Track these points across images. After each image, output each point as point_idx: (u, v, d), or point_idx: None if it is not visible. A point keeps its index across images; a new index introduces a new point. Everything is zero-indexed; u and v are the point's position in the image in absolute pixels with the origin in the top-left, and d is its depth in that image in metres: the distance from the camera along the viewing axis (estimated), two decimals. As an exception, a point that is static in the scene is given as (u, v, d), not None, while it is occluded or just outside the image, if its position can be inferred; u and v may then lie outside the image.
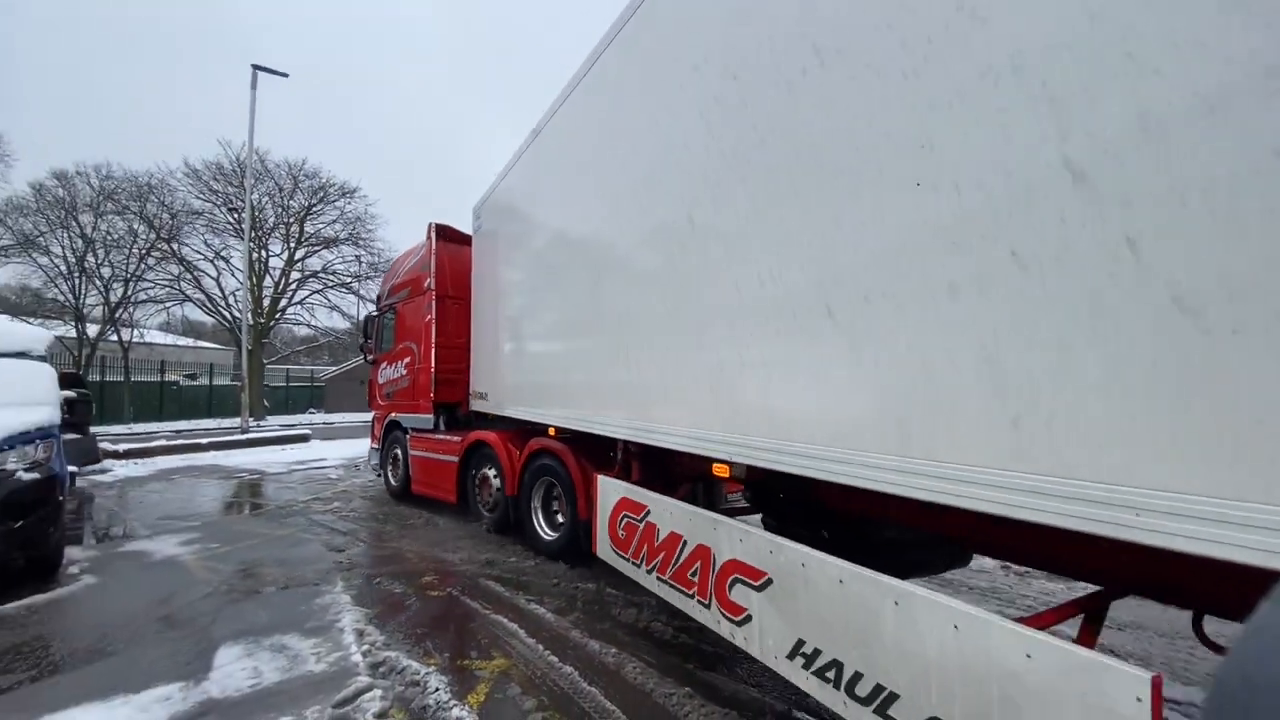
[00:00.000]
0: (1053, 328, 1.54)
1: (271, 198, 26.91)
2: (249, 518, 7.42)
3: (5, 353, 5.54)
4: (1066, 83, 1.51)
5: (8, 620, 4.05)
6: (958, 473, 1.74)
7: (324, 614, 4.10)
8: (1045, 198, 1.56)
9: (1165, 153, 1.34)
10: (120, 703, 2.98)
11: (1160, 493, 1.33)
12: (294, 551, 5.73)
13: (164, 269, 24.88)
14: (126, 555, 5.62)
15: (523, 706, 2.95)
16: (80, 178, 23.46)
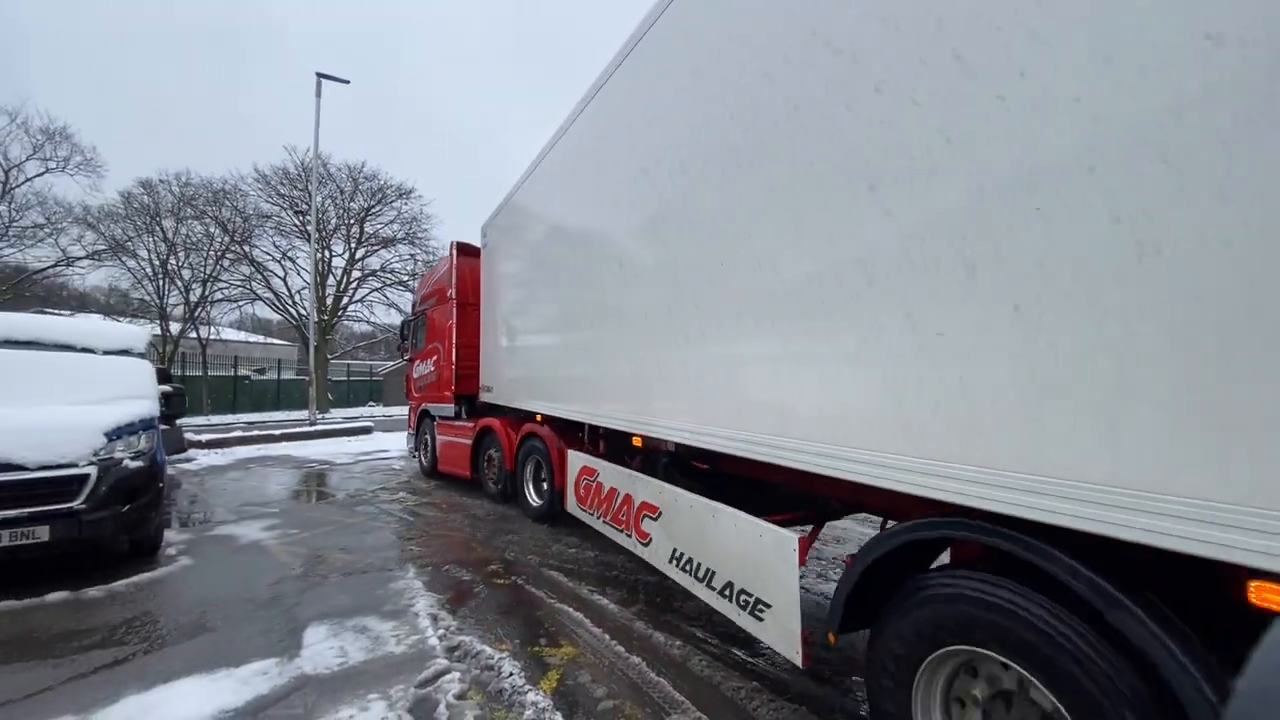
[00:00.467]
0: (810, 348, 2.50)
1: (334, 200, 28.09)
2: (322, 505, 7.81)
3: (109, 350, 6.01)
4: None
5: (119, 597, 4.41)
6: (806, 446, 2.49)
7: (399, 598, 4.30)
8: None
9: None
10: (224, 675, 3.21)
11: (858, 450, 2.22)
12: (366, 538, 6.02)
13: (237, 270, 26.38)
14: (216, 539, 6.02)
15: (594, 694, 3.02)
16: (163, 185, 25.11)
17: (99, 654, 3.49)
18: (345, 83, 18.57)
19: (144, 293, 25.07)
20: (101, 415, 4.92)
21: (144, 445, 5.10)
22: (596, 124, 4.52)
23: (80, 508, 4.53)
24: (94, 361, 5.76)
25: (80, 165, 22.71)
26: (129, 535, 4.98)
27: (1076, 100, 1.56)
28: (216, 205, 25.49)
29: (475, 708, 2.88)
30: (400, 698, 2.95)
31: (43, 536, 4.39)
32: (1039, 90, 1.64)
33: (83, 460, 4.61)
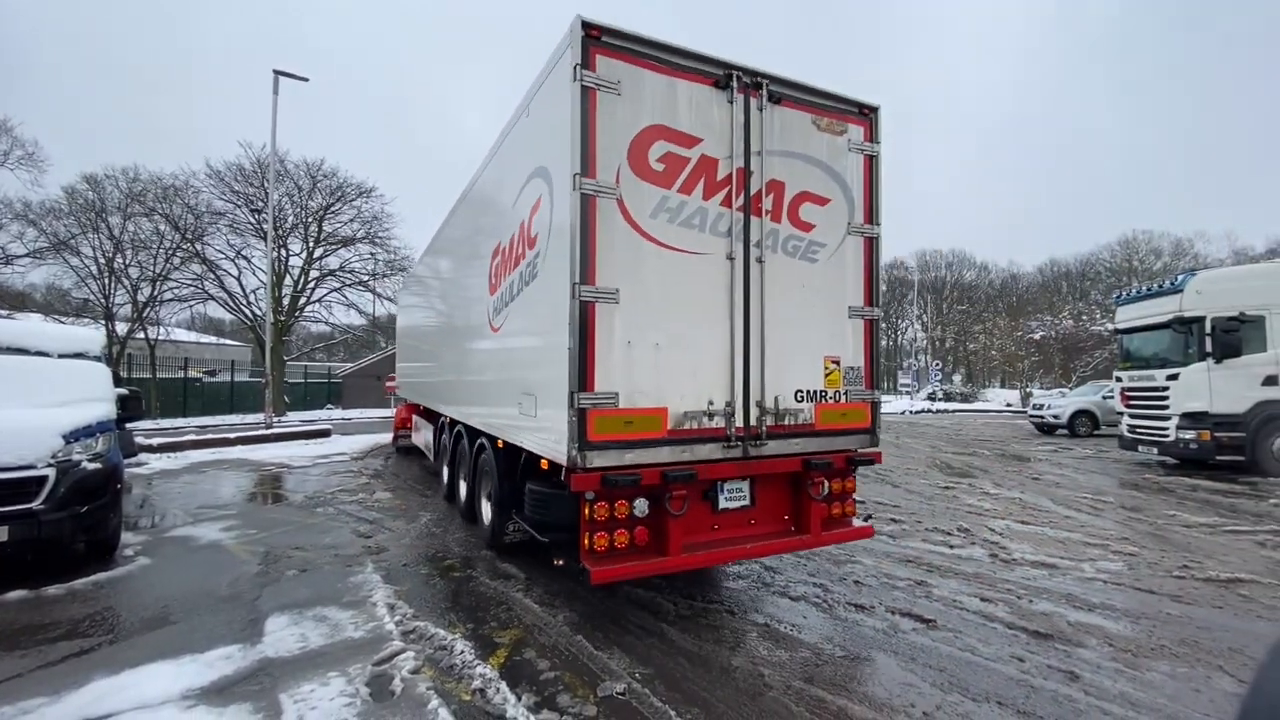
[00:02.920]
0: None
1: (291, 198, 27.59)
2: (280, 507, 7.93)
3: (64, 353, 6.08)
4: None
5: (80, 595, 4.56)
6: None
7: (358, 590, 4.56)
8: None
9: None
10: (189, 660, 3.45)
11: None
12: (325, 537, 6.22)
13: (188, 268, 25.69)
14: (174, 540, 6.14)
15: (538, 667, 3.37)
16: (109, 180, 24.33)
17: (65, 645, 3.68)
18: (304, 80, 18.41)
19: (87, 292, 24.26)
20: (59, 418, 5.03)
21: (101, 447, 5.23)
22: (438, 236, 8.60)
23: (39, 508, 4.66)
24: (50, 365, 5.83)
25: (21, 160, 21.91)
26: (87, 536, 5.10)
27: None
28: (167, 202, 24.82)
29: (428, 680, 3.20)
30: (358, 674, 3.25)
31: (1, 537, 4.51)
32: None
33: (41, 462, 4.73)
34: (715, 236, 3.88)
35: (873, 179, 4.48)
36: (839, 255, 4.34)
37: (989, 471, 10.69)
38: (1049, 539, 6.10)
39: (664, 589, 4.57)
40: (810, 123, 4.28)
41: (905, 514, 7.16)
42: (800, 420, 4.14)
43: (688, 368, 3.76)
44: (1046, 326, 37.54)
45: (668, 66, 3.81)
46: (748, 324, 3.96)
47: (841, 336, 4.34)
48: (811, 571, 5.03)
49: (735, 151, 3.95)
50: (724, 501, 3.99)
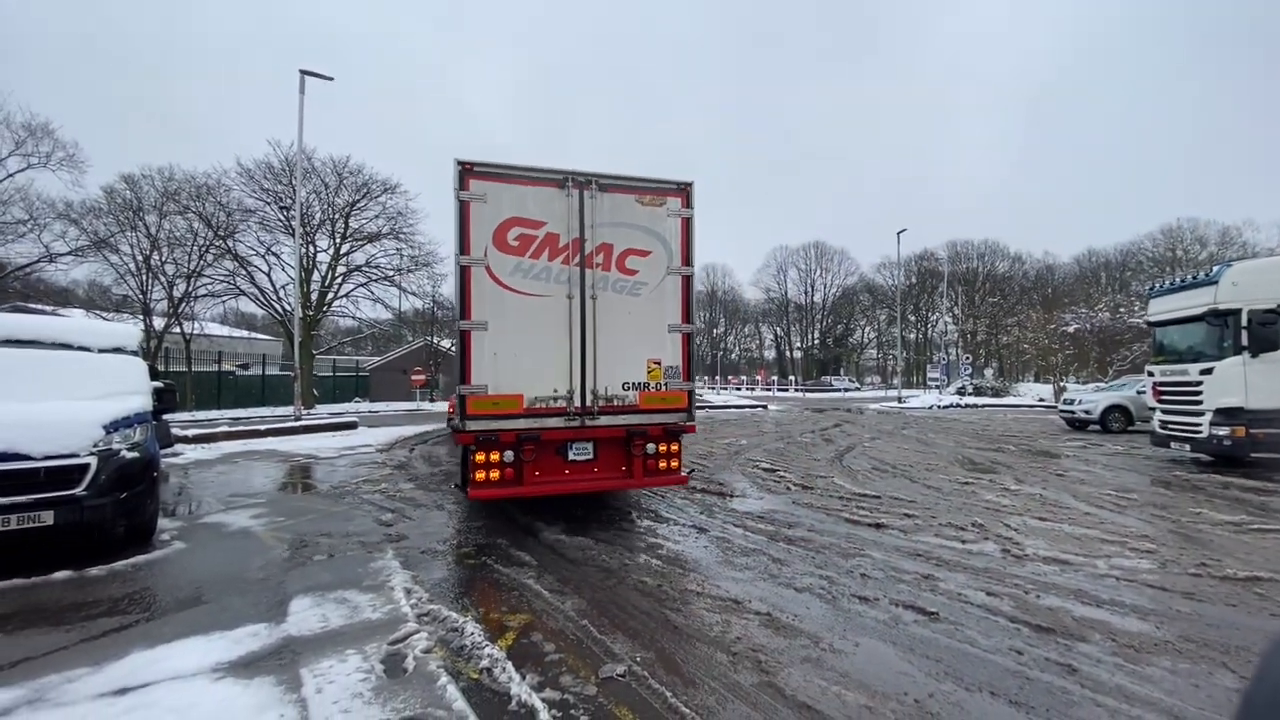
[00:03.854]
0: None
1: (318, 195, 28.29)
2: (307, 496, 8.27)
3: (104, 348, 6.44)
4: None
5: (119, 575, 4.88)
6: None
7: (377, 575, 4.79)
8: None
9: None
10: (218, 636, 3.69)
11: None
12: (349, 525, 6.50)
13: (220, 265, 26.56)
14: (207, 526, 6.49)
15: (544, 649, 3.54)
16: (145, 180, 25.25)
17: (105, 621, 3.97)
18: (329, 79, 18.86)
19: (127, 288, 25.25)
20: (100, 410, 5.36)
21: (139, 437, 5.55)
22: None
23: (82, 494, 4.98)
24: (91, 359, 6.19)
25: (63, 161, 22.85)
26: (126, 520, 5.43)
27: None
28: (200, 200, 25.68)
29: (438, 659, 3.38)
30: (374, 652, 3.45)
31: (47, 520, 4.84)
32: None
33: (84, 451, 5.06)
34: (558, 284, 6.12)
35: (688, 234, 6.53)
36: (660, 289, 6.46)
37: (1012, 467, 10.57)
38: (1065, 535, 6.07)
39: (669, 578, 4.70)
40: (634, 201, 6.42)
41: (920, 509, 7.17)
42: (627, 402, 6.34)
43: (538, 369, 6.03)
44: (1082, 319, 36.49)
45: (520, 179, 6.04)
46: (583, 340, 6.18)
47: (663, 345, 6.48)
48: (819, 564, 5.11)
49: (572, 227, 6.16)
50: (572, 455, 6.28)
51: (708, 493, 8.25)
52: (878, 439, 15.40)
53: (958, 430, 18.17)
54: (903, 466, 10.62)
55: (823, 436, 16.01)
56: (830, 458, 11.77)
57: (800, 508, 7.35)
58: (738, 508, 7.34)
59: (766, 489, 8.59)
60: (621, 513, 7.09)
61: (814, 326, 76.76)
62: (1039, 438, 16.00)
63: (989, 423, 21.29)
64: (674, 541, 5.84)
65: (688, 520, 6.70)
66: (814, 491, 8.34)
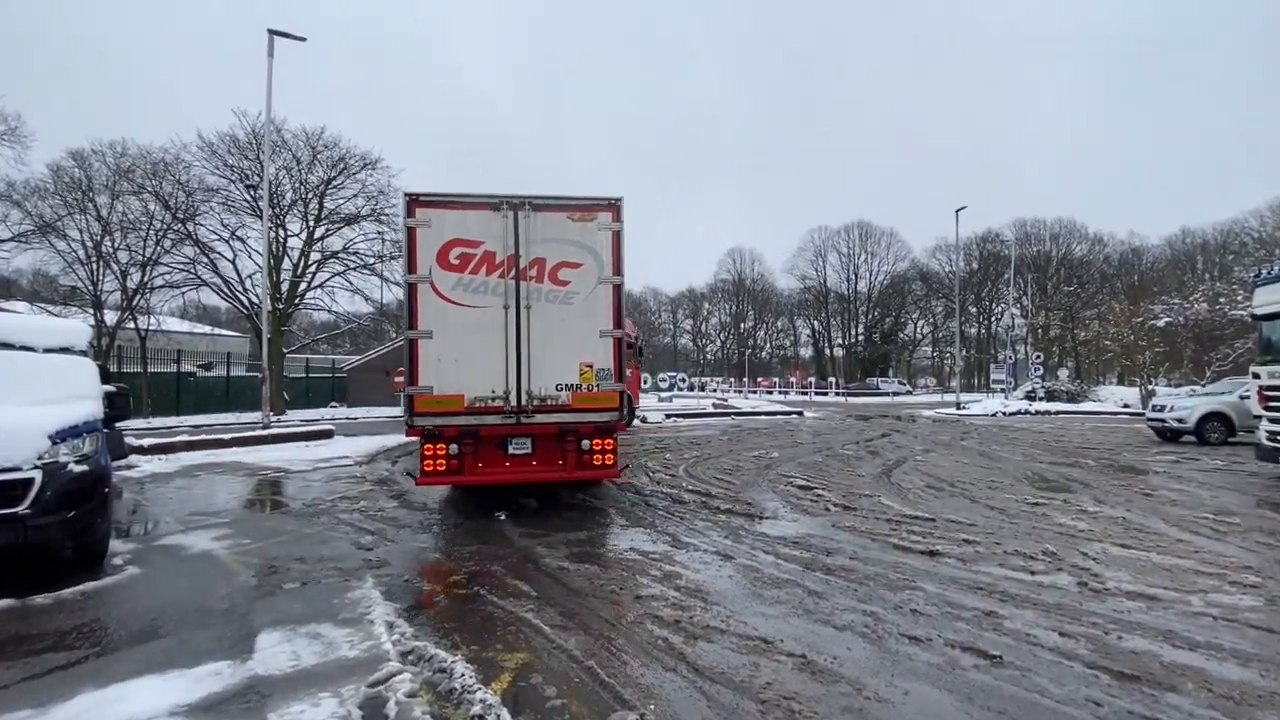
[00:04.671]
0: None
1: (289, 171, 28.68)
2: (277, 515, 8.40)
3: (50, 348, 6.57)
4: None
5: (66, 605, 4.98)
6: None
7: (355, 607, 4.84)
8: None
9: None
10: (177, 675, 3.76)
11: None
12: (323, 549, 6.58)
13: (180, 251, 27.08)
14: (164, 549, 6.61)
15: (544, 694, 3.55)
16: (96, 156, 25.76)
17: (52, 657, 4.05)
18: (301, 40, 19.08)
19: (75, 278, 25.77)
20: (45, 417, 5.48)
21: (89, 448, 5.66)
22: None
23: (25, 513, 5.10)
24: (34, 360, 6.33)
25: (3, 135, 23.35)
26: (75, 542, 5.55)
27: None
28: (157, 179, 26.15)
29: (424, 705, 3.41)
30: (351, 696, 3.49)
31: (-13, 542, 4.95)
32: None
33: (27, 464, 5.17)
34: (495, 296, 7.79)
35: (618, 246, 8.00)
36: (592, 298, 7.95)
37: (1090, 486, 10.43)
38: (1153, 566, 5.98)
39: (689, 613, 4.70)
40: (566, 218, 7.94)
41: (981, 534, 7.10)
42: (560, 402, 7.89)
43: (478, 372, 7.71)
44: (1174, 311, 35.92)
45: (460, 204, 7.79)
46: (519, 345, 7.80)
47: (594, 349, 7.96)
48: (863, 598, 5.08)
49: (508, 245, 7.79)
50: (512, 449, 7.94)
51: (733, 513, 8.24)
52: (932, 451, 15.26)
53: (1026, 441, 17.96)
54: (961, 484, 10.52)
55: (868, 448, 15.90)
56: (876, 473, 11.70)
57: (841, 532, 7.31)
58: (768, 531, 7.32)
59: (802, 510, 8.56)
60: (633, 536, 7.10)
61: (858, 320, 76.38)
62: (1122, 450, 15.76)
63: (1063, 433, 21.02)
64: (694, 570, 5.84)
65: (710, 545, 6.70)
66: (857, 513, 8.29)
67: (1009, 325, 54.21)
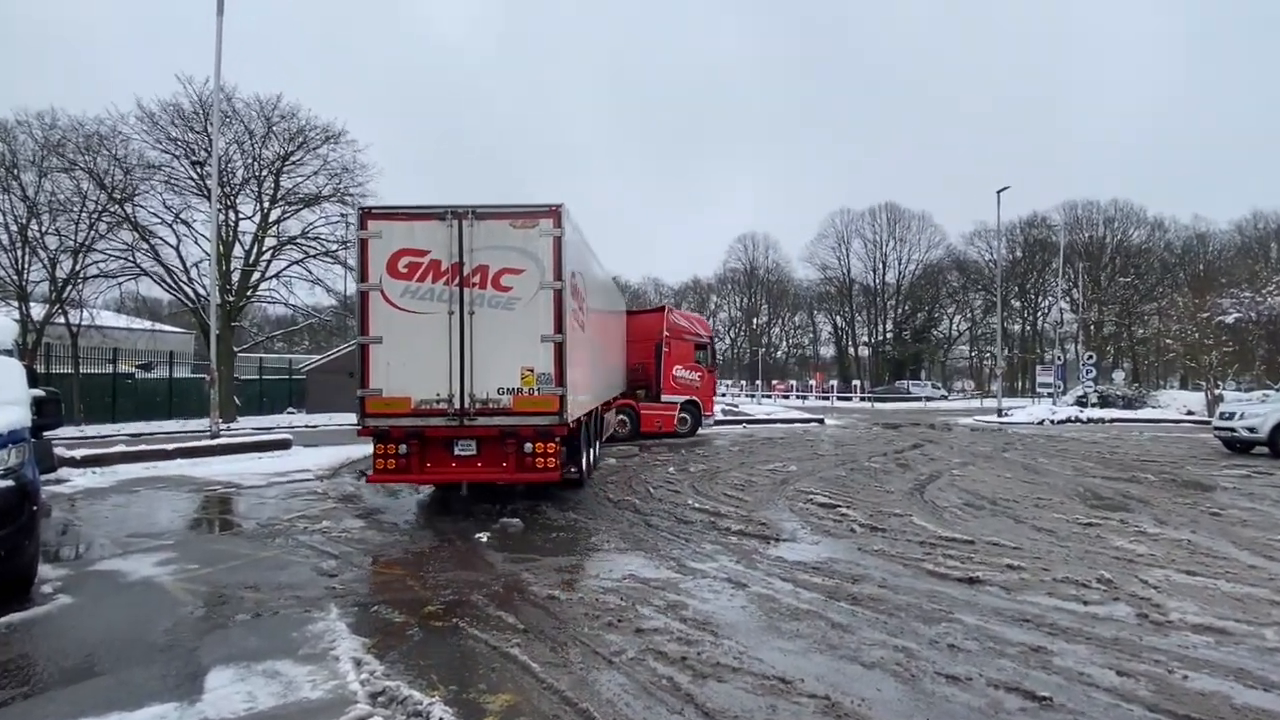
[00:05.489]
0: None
1: (240, 145, 28.67)
2: (228, 537, 8.42)
3: (-30, 346, 6.56)
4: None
5: (-11, 637, 4.98)
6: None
7: (318, 641, 4.85)
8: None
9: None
10: (116, 718, 3.76)
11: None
12: (280, 575, 6.60)
13: (116, 237, 26.95)
14: (100, 574, 6.63)
15: (533, 741, 3.56)
16: (21, 128, 25.66)
17: (-27, 698, 4.05)
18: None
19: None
20: (-35, 425, 5.46)
21: (14, 460, 5.66)
22: None
23: (-57, 534, 5.08)
24: (-47, 361, 6.30)
25: (-85, 102, 23.28)
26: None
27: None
28: (90, 154, 26.06)
29: (397, 753, 3.42)
30: (314, 743, 3.50)
31: (-100, 567, 4.95)
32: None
33: (-56, 478, 5.16)
34: (440, 303, 8.92)
35: (559, 251, 9.05)
36: (533, 303, 9.01)
37: (1151, 504, 10.46)
38: (1222, 595, 6.00)
39: (697, 648, 4.71)
40: (508, 225, 9.03)
41: (1028, 558, 7.12)
42: (501, 405, 8.95)
43: (424, 375, 8.85)
44: (1245, 305, 36.01)
45: (409, 215, 9.13)
46: (462, 350, 8.90)
47: (535, 354, 8.99)
48: (894, 631, 5.09)
49: (453, 252, 8.93)
50: (458, 451, 9.11)
51: (745, 535, 8.25)
52: (970, 464, 15.29)
53: (1077, 453, 17.99)
54: (1004, 502, 10.54)
55: (897, 460, 15.93)
56: (908, 489, 11.72)
57: (868, 556, 7.33)
58: (786, 555, 7.34)
59: (823, 531, 8.58)
60: (632, 561, 7.12)
61: (885, 315, 76.61)
62: (1186, 463, 15.79)
63: (1119, 443, 21.06)
64: (702, 599, 5.85)
65: (719, 571, 6.71)
66: (886, 534, 8.31)
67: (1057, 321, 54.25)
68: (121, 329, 33.84)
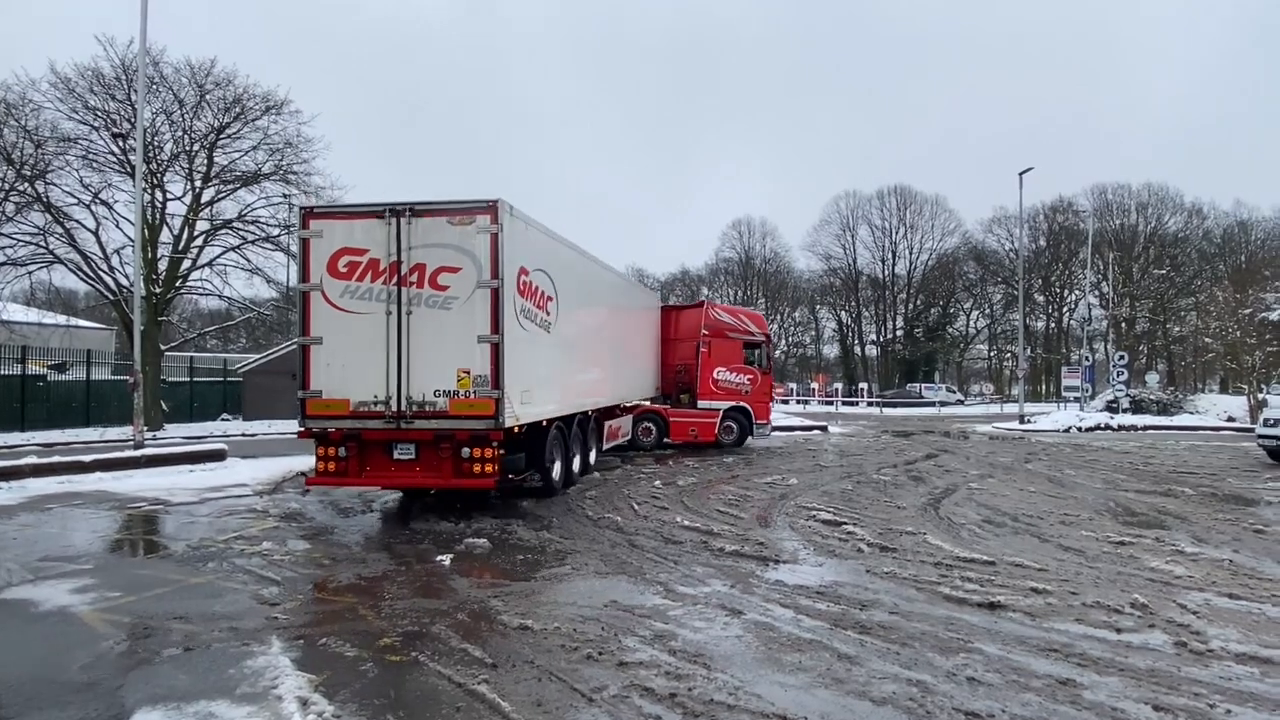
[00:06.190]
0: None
1: (169, 116, 28.35)
2: (154, 560, 8.33)
3: None
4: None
5: (-121, 677, 4.88)
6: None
7: (258, 679, 4.80)
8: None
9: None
10: (27, 769, 3.70)
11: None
12: (214, 603, 6.53)
13: (26, 219, 26.58)
14: (7, 604, 6.53)
15: (503, 789, 3.54)
16: (-84, 95, 25.21)
17: None
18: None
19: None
20: None
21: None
22: None
23: None
24: None
25: None
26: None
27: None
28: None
29: (350, 804, 3.39)
30: (255, 794, 3.46)
31: None
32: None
33: None
34: (379, 302, 9.74)
35: (496, 249, 9.62)
36: (470, 303, 9.61)
37: (1188, 520, 10.59)
38: (1267, 621, 6.09)
39: (687, 683, 4.71)
40: (445, 222, 9.71)
41: (1054, 581, 7.18)
42: (438, 408, 9.66)
43: (363, 377, 9.67)
44: (1291, 300, 36.59)
45: (349, 215, 10.36)
46: (399, 351, 9.67)
47: (472, 355, 9.59)
48: (907, 663, 5.12)
49: (391, 251, 9.72)
50: (397, 454, 9.96)
51: (741, 556, 8.27)
52: (990, 477, 15.43)
53: (1107, 464, 18.20)
54: (1027, 518, 10.64)
55: (909, 473, 16.03)
56: (921, 505, 11.81)
57: (877, 579, 7.36)
58: (786, 579, 7.36)
59: (828, 551, 8.62)
60: (615, 586, 7.13)
61: (896, 311, 77.03)
62: (1226, 475, 16.01)
63: (1153, 453, 21.32)
64: (693, 629, 5.86)
65: (712, 597, 6.73)
66: (897, 555, 8.36)
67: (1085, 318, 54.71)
68: (32, 324, 33.37)
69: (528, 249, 10.66)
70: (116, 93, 26.97)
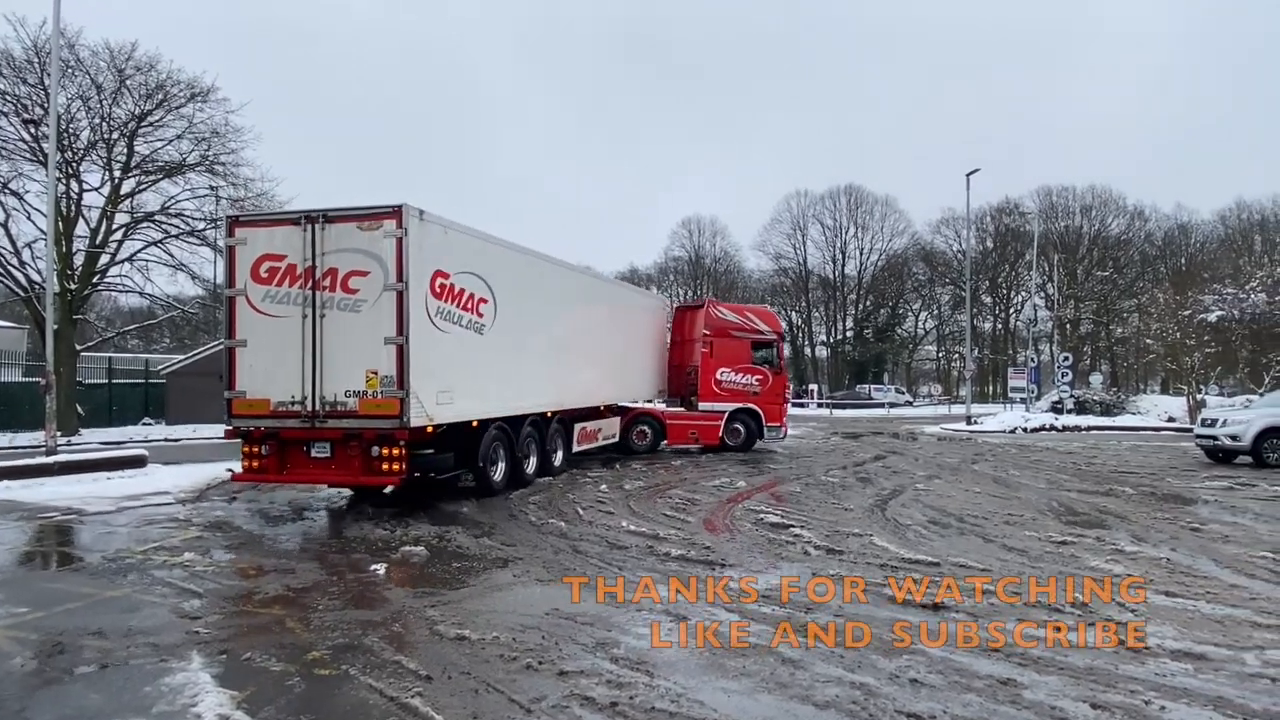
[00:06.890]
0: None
1: (86, 101, 27.48)
2: (67, 574, 8.08)
3: None
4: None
5: None
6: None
7: (176, 696, 4.67)
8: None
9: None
10: (-81, 799, 3.54)
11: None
12: (131, 618, 6.34)
13: (-74, 210, 25.49)
14: (-99, 622, 6.22)
15: (436, 805, 3.50)
16: None
17: None
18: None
19: None
20: None
21: None
22: None
23: None
24: None
25: None
26: None
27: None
28: (-107, 108, 24.58)
29: (272, 826, 3.32)
30: (170, 817, 3.36)
31: None
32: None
33: None
34: (296, 306, 10.49)
35: (401, 252, 10.19)
36: (378, 305, 10.25)
37: (1128, 519, 10.96)
38: (1203, 618, 6.32)
39: (629, 691, 4.72)
40: (355, 228, 10.41)
41: (997, 581, 7.36)
42: (349, 408, 10.35)
43: (282, 377, 10.46)
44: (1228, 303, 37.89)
45: (271, 222, 11.19)
46: (314, 352, 10.40)
47: (379, 356, 10.19)
48: (850, 665, 5.20)
49: (306, 256, 10.47)
50: (314, 453, 10.72)
51: (687, 560, 8.32)
52: (936, 478, 15.79)
53: (1051, 464, 18.75)
54: (972, 519, 10.92)
55: (857, 474, 16.30)
56: (868, 506, 12.03)
57: (823, 581, 7.46)
58: (732, 582, 7.42)
59: (775, 554, 8.72)
60: (557, 593, 7.12)
61: (845, 311, 78.33)
62: (1166, 475, 16.63)
63: (1096, 453, 22.01)
64: (636, 635, 5.87)
65: (657, 603, 6.74)
66: (843, 557, 8.50)
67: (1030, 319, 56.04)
68: (-67, 323, 32.02)
69: (448, 252, 11.22)
70: (28, 76, 26.10)
